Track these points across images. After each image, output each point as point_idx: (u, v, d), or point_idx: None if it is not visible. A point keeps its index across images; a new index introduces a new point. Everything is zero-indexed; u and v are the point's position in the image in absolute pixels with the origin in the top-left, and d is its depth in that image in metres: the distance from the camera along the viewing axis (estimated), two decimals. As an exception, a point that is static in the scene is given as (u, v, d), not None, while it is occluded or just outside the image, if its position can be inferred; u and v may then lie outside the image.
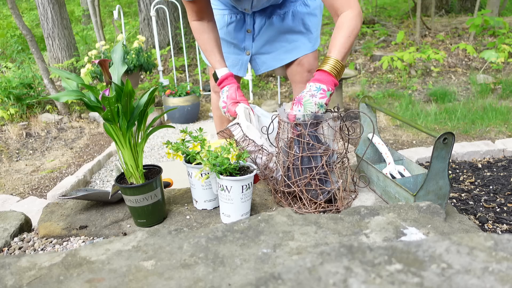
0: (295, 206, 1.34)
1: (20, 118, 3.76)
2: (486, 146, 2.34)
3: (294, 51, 1.71)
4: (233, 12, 1.68)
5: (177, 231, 0.93)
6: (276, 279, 0.55)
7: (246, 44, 1.72)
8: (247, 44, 1.72)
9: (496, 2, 6.12)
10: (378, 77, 4.80)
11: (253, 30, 1.69)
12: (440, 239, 0.62)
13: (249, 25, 1.68)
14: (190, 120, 3.69)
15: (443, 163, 1.18)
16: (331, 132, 1.30)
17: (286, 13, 1.64)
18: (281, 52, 1.71)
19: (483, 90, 3.94)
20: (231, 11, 1.68)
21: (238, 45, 1.73)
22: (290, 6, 1.63)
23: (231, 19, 1.68)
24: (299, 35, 1.69)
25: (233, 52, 1.75)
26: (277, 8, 1.64)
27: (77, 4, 9.67)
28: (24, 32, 3.68)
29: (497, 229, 1.58)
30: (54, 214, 1.38)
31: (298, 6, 1.64)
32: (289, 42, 1.69)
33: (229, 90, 1.51)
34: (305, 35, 1.69)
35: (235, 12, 1.68)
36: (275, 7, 1.64)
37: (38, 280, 0.78)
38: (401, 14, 7.79)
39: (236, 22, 1.69)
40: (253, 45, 1.72)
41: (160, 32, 5.77)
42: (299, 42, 1.70)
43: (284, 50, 1.71)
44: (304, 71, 1.75)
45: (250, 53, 1.73)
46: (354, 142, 2.70)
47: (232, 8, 1.67)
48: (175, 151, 1.32)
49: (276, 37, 1.69)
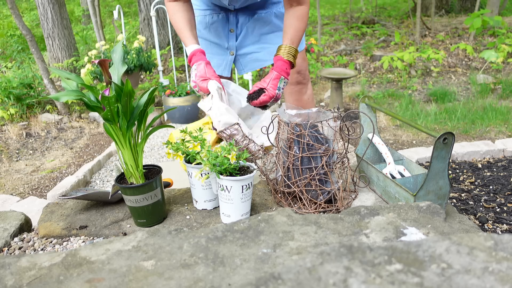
0: (295, 206, 1.34)
1: (20, 118, 3.76)
2: (486, 146, 2.34)
3: None
4: (215, 11, 1.67)
5: (177, 231, 0.93)
6: (276, 279, 0.55)
7: (229, 44, 1.71)
8: (230, 44, 1.71)
9: (496, 2, 6.12)
10: (378, 77, 4.80)
11: (236, 29, 1.69)
12: (440, 239, 0.62)
13: (232, 24, 1.68)
14: (190, 120, 3.69)
15: (443, 163, 1.18)
16: (331, 132, 1.30)
17: (268, 13, 1.65)
18: (265, 53, 1.71)
19: (483, 90, 3.94)
20: (213, 11, 1.67)
21: (221, 45, 1.72)
22: (272, 7, 1.65)
23: (213, 19, 1.68)
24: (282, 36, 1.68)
25: (216, 53, 1.74)
26: (260, 9, 1.64)
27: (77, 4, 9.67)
28: (24, 32, 3.68)
29: (497, 229, 1.58)
30: (54, 214, 1.38)
31: (281, 7, 1.65)
32: (273, 44, 1.68)
33: (197, 68, 1.44)
34: None
35: (217, 12, 1.67)
36: (258, 7, 1.64)
37: (38, 280, 0.78)
38: (401, 14, 7.79)
39: (218, 21, 1.68)
40: (236, 45, 1.71)
41: (160, 32, 5.77)
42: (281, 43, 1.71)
43: (267, 51, 1.70)
44: (294, 72, 1.77)
45: (234, 53, 1.73)
46: (354, 142, 2.70)
47: (214, 7, 1.66)
48: (175, 151, 1.32)
49: (259, 37, 1.69)
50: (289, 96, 1.85)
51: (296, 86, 1.82)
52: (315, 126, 1.30)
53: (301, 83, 1.81)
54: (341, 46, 5.88)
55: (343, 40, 6.23)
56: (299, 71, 1.77)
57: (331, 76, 3.54)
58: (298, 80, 1.80)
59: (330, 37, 6.40)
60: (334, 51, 5.69)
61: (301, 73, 1.78)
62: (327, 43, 6.07)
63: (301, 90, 1.83)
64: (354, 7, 8.80)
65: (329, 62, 5.25)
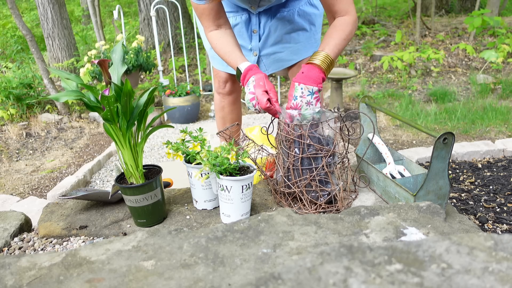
0: (295, 206, 1.34)
1: (20, 118, 3.76)
2: (486, 146, 2.34)
3: (299, 52, 1.71)
4: (239, 13, 1.66)
5: (177, 231, 0.93)
6: (276, 279, 0.55)
7: (252, 45, 1.70)
8: (253, 45, 1.70)
9: (496, 2, 6.12)
10: (378, 77, 4.80)
11: (259, 30, 1.68)
12: (440, 239, 0.62)
13: (254, 25, 1.67)
14: (190, 120, 3.69)
15: (443, 163, 1.18)
16: (331, 132, 1.30)
17: (291, 12, 1.63)
18: (288, 52, 1.70)
19: (483, 90, 3.94)
20: (236, 13, 1.66)
21: (245, 46, 1.72)
22: (294, 5, 1.62)
23: (237, 21, 1.67)
24: (305, 35, 1.68)
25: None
26: (282, 7, 1.63)
27: (77, 4, 9.67)
28: (24, 32, 3.68)
29: (497, 229, 1.58)
30: (54, 214, 1.38)
31: (303, 5, 1.63)
32: (296, 42, 1.67)
33: (255, 80, 1.33)
34: (311, 34, 1.69)
35: (240, 13, 1.66)
36: (279, 6, 1.63)
37: (38, 280, 0.78)
38: (401, 14, 7.79)
39: (242, 23, 1.67)
40: (259, 45, 1.70)
41: (160, 32, 5.77)
42: (304, 43, 1.69)
43: (290, 50, 1.70)
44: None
45: (257, 54, 1.72)
46: (354, 142, 2.70)
47: (237, 9, 1.66)
48: (175, 151, 1.32)
49: (282, 36, 1.68)
50: None
51: None
52: (316, 127, 1.30)
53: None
54: (341, 46, 5.87)
55: (343, 40, 6.22)
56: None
57: (331, 76, 3.54)
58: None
59: (330, 37, 6.39)
60: (334, 51, 5.68)
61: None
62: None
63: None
64: (354, 7, 8.78)
65: (329, 62, 5.24)
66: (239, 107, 2.03)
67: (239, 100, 2.01)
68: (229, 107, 1.98)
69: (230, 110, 1.99)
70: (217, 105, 1.99)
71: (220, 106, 1.98)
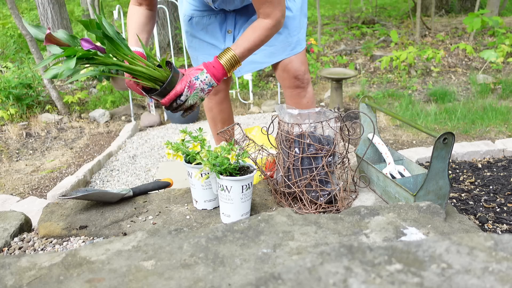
0: (295, 206, 1.34)
1: (20, 118, 3.76)
2: (486, 146, 2.34)
3: (273, 56, 1.70)
4: (213, 12, 1.65)
5: (177, 231, 0.93)
6: (276, 279, 0.55)
7: (226, 45, 1.69)
8: (227, 45, 1.69)
9: (496, 2, 6.13)
10: (378, 77, 4.80)
11: (234, 31, 1.67)
12: (440, 239, 0.62)
13: (230, 25, 1.66)
14: (190, 120, 3.69)
15: (443, 163, 1.18)
16: (332, 132, 1.30)
17: None
18: (262, 55, 1.70)
19: (483, 90, 3.94)
20: (211, 12, 1.65)
21: (218, 46, 1.71)
22: None
23: (211, 20, 1.66)
24: (279, 38, 1.66)
25: (213, 54, 1.72)
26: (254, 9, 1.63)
27: (77, 4, 9.67)
28: (24, 32, 3.68)
29: (497, 229, 1.58)
30: (54, 214, 1.38)
31: None
32: (270, 45, 1.66)
33: None
34: (284, 38, 1.68)
35: (215, 13, 1.65)
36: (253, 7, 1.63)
37: (38, 280, 0.78)
38: (401, 14, 7.80)
39: (216, 22, 1.66)
40: None
41: (160, 32, 5.77)
42: (278, 46, 1.68)
43: (264, 53, 1.69)
44: (291, 77, 1.74)
45: None
46: (354, 142, 2.70)
47: (211, 8, 1.65)
48: (175, 151, 1.32)
49: None
50: (288, 99, 1.83)
51: (294, 90, 1.79)
52: (316, 127, 1.30)
53: (299, 87, 1.78)
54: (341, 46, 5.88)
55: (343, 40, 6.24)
56: (296, 76, 1.73)
57: (331, 76, 3.54)
58: (296, 85, 1.77)
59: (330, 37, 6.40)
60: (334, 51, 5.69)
61: (299, 78, 1.75)
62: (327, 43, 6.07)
63: (300, 94, 1.79)
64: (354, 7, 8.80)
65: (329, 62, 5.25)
66: (228, 107, 1.99)
67: (228, 99, 1.98)
68: (217, 107, 1.95)
69: (219, 110, 1.96)
70: (205, 106, 1.96)
71: (208, 107, 1.95)
